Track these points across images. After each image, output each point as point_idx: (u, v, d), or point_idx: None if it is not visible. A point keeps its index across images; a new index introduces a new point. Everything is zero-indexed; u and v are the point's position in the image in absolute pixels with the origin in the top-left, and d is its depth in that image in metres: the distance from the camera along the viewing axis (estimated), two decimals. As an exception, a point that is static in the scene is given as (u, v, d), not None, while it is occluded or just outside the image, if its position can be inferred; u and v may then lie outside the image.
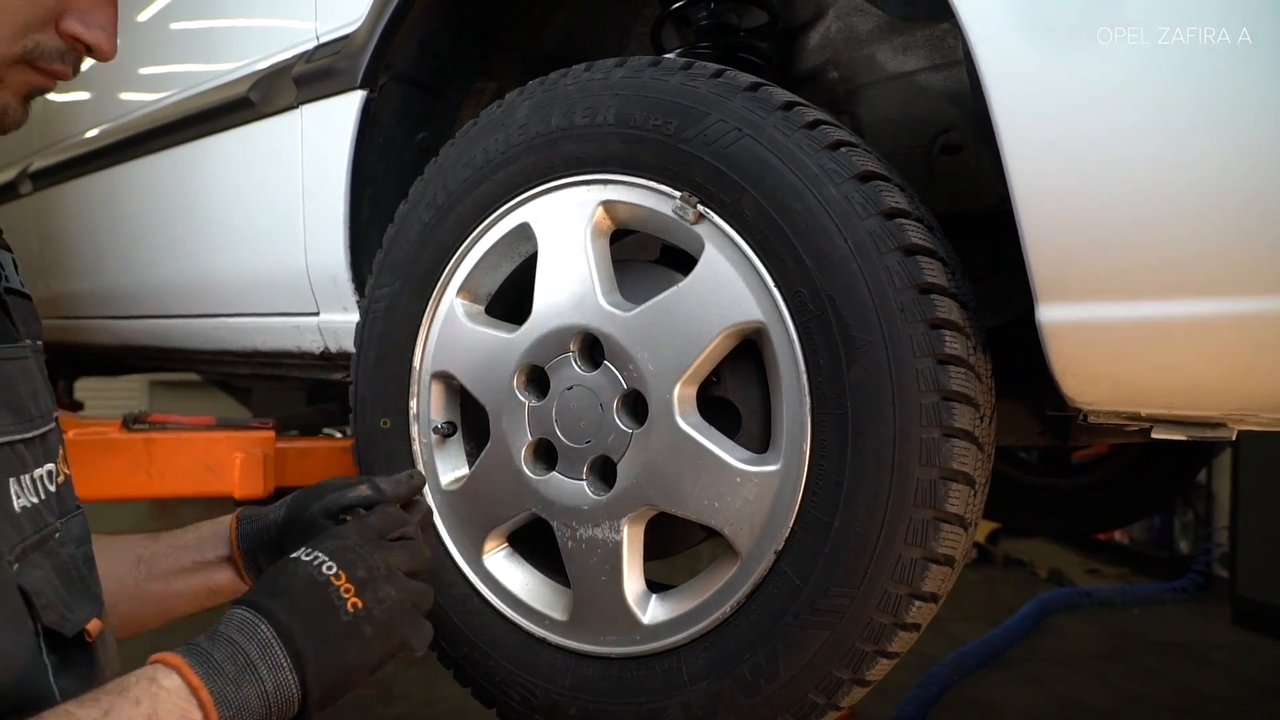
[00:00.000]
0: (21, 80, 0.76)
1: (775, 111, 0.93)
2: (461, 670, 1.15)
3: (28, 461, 0.75)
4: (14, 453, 0.73)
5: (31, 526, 0.73)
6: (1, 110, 0.76)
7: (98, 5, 0.77)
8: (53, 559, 0.75)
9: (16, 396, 0.76)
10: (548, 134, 1.05)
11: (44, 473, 0.77)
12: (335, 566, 0.75)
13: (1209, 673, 3.48)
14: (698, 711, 0.95)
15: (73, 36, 0.75)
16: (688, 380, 0.96)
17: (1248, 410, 0.79)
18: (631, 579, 1.01)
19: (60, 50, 0.76)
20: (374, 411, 1.21)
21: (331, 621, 0.72)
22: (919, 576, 0.86)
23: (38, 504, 0.75)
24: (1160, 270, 0.74)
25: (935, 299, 0.86)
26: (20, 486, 0.73)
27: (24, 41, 0.73)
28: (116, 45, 0.79)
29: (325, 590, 0.74)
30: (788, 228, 0.90)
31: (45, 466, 0.78)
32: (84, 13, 0.76)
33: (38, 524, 0.74)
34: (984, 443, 0.90)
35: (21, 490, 0.73)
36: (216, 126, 1.71)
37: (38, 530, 0.74)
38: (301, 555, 0.77)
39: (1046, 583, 4.74)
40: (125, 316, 2.19)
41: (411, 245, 1.17)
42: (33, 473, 0.76)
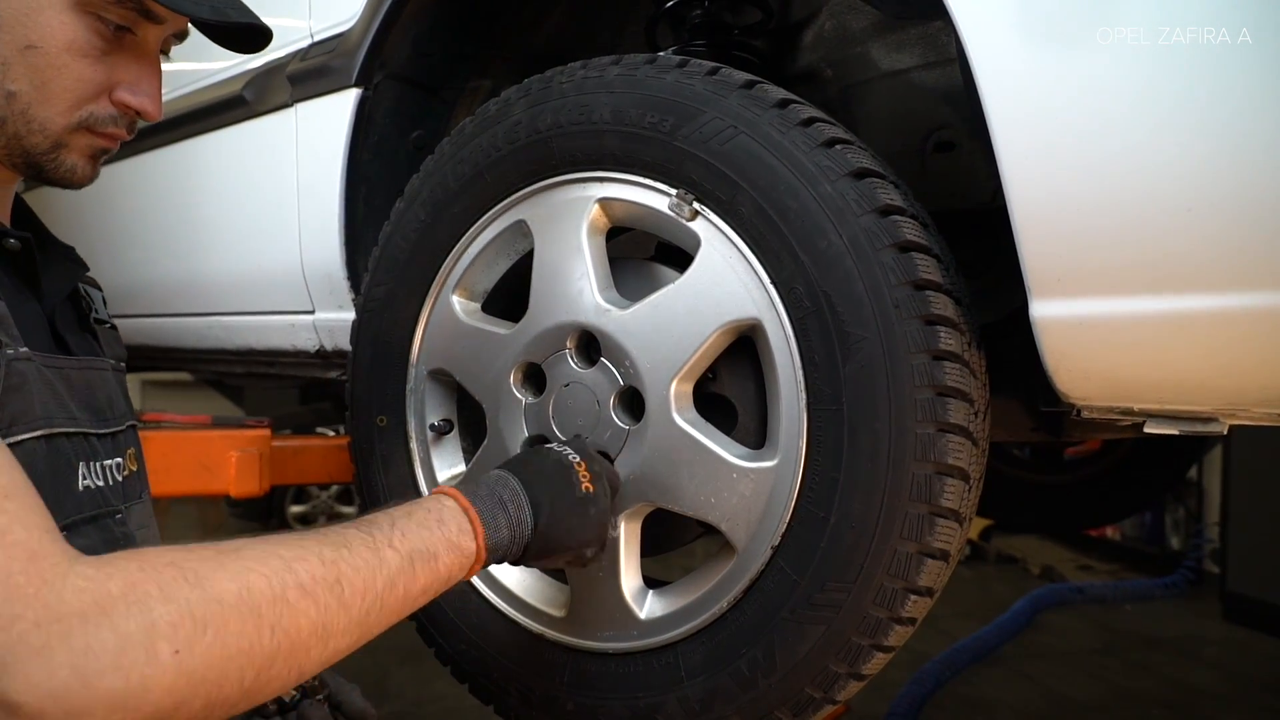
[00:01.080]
0: (85, 144, 0.88)
1: (770, 109, 0.93)
2: (459, 667, 1.15)
3: (99, 451, 0.87)
4: (87, 442, 0.85)
5: (91, 504, 0.84)
6: (70, 169, 0.87)
7: (143, 76, 0.89)
8: (105, 533, 0.85)
9: (94, 399, 0.89)
10: (544, 131, 1.05)
11: (113, 464, 0.90)
12: (578, 457, 0.92)
13: (1200, 668, 3.50)
14: (695, 706, 0.96)
15: (124, 104, 0.88)
16: (684, 377, 0.96)
17: (1238, 404, 0.80)
18: (629, 575, 1.02)
19: (114, 116, 0.88)
20: (370, 409, 1.21)
21: (569, 494, 0.88)
22: (914, 571, 0.87)
23: (103, 487, 0.87)
24: (1152, 266, 0.75)
25: (930, 295, 0.86)
26: (88, 469, 0.84)
27: (80, 112, 0.85)
28: (161, 107, 0.92)
29: (569, 471, 0.90)
30: (783, 224, 0.90)
31: (115, 459, 0.90)
32: (132, 84, 0.87)
33: (98, 503, 0.85)
34: (978, 438, 0.90)
35: (89, 473, 0.84)
36: (211, 125, 1.71)
37: (97, 508, 0.85)
38: (553, 447, 0.93)
39: (1039, 579, 4.76)
40: (119, 315, 2.18)
41: (407, 243, 1.17)
42: (102, 461, 0.87)
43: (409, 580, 0.74)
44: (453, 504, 0.82)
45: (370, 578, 0.70)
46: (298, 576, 0.65)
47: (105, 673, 0.55)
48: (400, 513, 0.78)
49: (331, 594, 0.67)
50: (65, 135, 0.85)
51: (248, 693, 0.62)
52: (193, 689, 0.59)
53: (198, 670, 0.59)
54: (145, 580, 0.59)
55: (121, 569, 0.59)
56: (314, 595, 0.66)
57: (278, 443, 1.72)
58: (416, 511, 0.79)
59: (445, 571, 0.78)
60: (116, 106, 0.87)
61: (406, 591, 0.74)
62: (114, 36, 0.85)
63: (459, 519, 0.81)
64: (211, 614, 0.60)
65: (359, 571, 0.70)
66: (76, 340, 0.92)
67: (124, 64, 0.87)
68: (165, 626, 0.58)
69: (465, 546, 0.80)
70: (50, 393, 0.81)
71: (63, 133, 0.85)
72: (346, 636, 0.69)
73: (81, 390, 0.87)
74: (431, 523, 0.79)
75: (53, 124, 0.84)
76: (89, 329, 0.97)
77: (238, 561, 0.63)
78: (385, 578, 0.72)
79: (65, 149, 0.86)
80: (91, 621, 0.56)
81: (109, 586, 0.57)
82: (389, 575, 0.72)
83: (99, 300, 1.03)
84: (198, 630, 0.59)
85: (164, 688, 0.57)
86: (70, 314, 0.95)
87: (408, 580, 0.74)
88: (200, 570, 0.61)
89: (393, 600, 0.73)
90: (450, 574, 0.79)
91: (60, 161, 0.86)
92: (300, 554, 0.67)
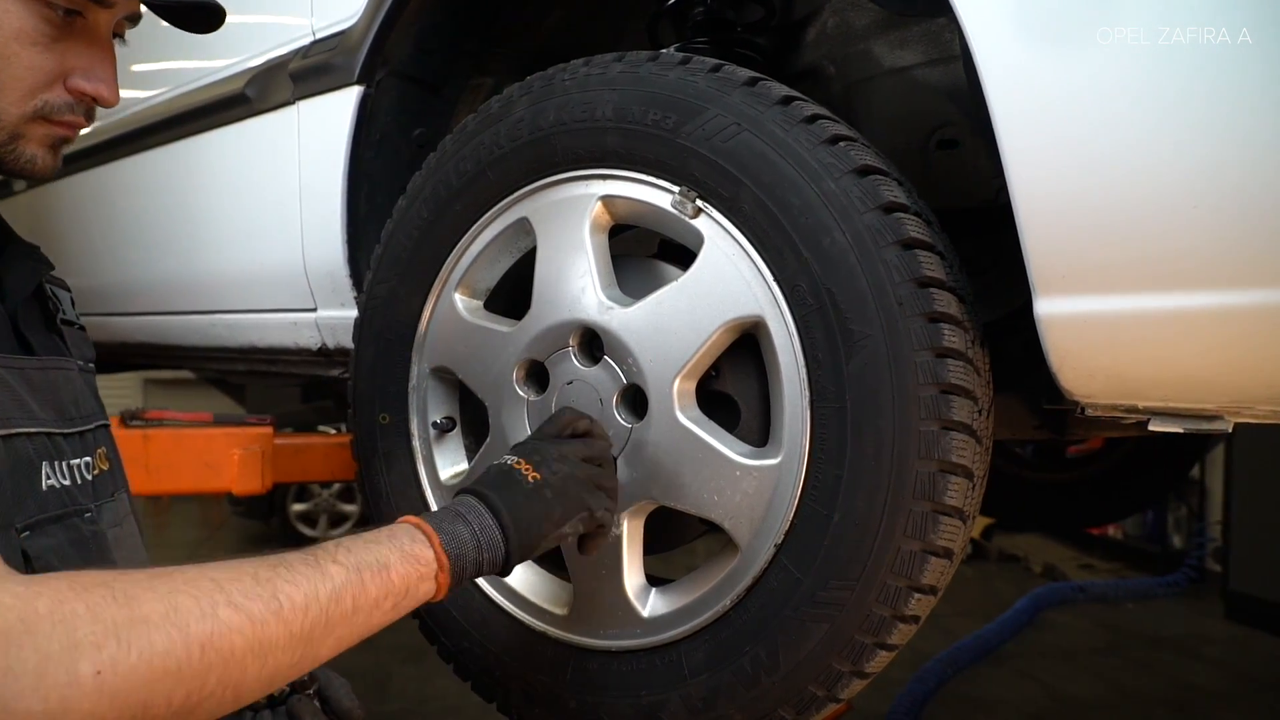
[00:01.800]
0: (42, 134, 0.86)
1: (774, 106, 0.93)
2: (461, 665, 1.15)
3: (64, 451, 0.86)
4: (50, 441, 0.84)
5: (56, 504, 0.83)
6: (30, 160, 0.86)
7: (96, 62, 0.87)
8: (72, 532, 0.84)
9: (59, 399, 0.88)
10: (546, 129, 1.05)
11: (81, 463, 0.88)
12: (516, 458, 0.92)
13: (1201, 666, 3.50)
14: (698, 704, 0.96)
15: (79, 91, 0.86)
16: (687, 374, 0.96)
17: (1243, 402, 0.80)
18: (631, 573, 1.01)
19: (69, 104, 0.86)
20: (373, 407, 1.21)
21: (517, 488, 0.89)
22: (918, 569, 0.87)
23: (69, 486, 0.85)
24: (1158, 263, 0.75)
25: (934, 293, 0.86)
26: (53, 469, 0.83)
27: (34, 101, 0.84)
28: (119, 93, 0.89)
29: (510, 473, 0.90)
30: (786, 222, 0.90)
31: (83, 458, 0.89)
32: (85, 70, 0.86)
33: (64, 502, 0.84)
34: (982, 436, 0.90)
35: (54, 472, 0.83)
36: (213, 123, 1.71)
37: (63, 507, 0.84)
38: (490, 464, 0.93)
39: (1040, 578, 4.76)
40: (121, 313, 2.18)
41: (410, 240, 1.17)
42: (69, 461, 0.86)
43: (357, 592, 0.72)
44: (405, 524, 0.82)
45: (311, 591, 0.69)
46: (229, 594, 0.64)
47: (24, 694, 0.54)
48: (348, 539, 0.77)
49: (268, 609, 0.65)
50: (21, 126, 0.84)
51: (178, 713, 0.61)
52: (116, 711, 0.57)
53: (121, 691, 0.57)
54: (73, 599, 0.57)
55: (51, 588, 0.58)
56: (247, 611, 0.64)
57: (280, 440, 1.72)
58: (365, 534, 0.79)
59: (400, 581, 0.76)
60: (72, 94, 0.85)
61: (355, 603, 0.72)
62: (64, 22, 0.83)
63: (409, 531, 0.80)
64: (136, 634, 0.58)
65: (298, 586, 0.68)
66: (41, 340, 0.91)
67: (76, 50, 0.85)
68: (89, 646, 0.56)
69: (420, 554, 0.79)
70: (8, 394, 0.80)
71: (18, 123, 0.83)
72: (288, 653, 0.67)
73: (44, 390, 0.86)
74: (381, 537, 0.78)
75: (7, 115, 0.83)
76: (55, 330, 0.96)
77: (167, 583, 0.62)
78: (329, 590, 0.70)
79: (23, 140, 0.85)
80: (14, 640, 0.54)
81: (36, 605, 0.56)
82: (333, 588, 0.70)
83: (67, 301, 1.02)
84: (122, 650, 0.57)
85: (85, 710, 0.56)
86: (36, 314, 0.94)
87: (356, 592, 0.72)
88: (130, 591, 0.60)
89: (339, 613, 0.70)
90: (408, 583, 0.77)
91: (19, 153, 0.85)
92: (234, 575, 0.66)
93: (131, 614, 0.59)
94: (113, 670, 0.57)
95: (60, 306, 0.99)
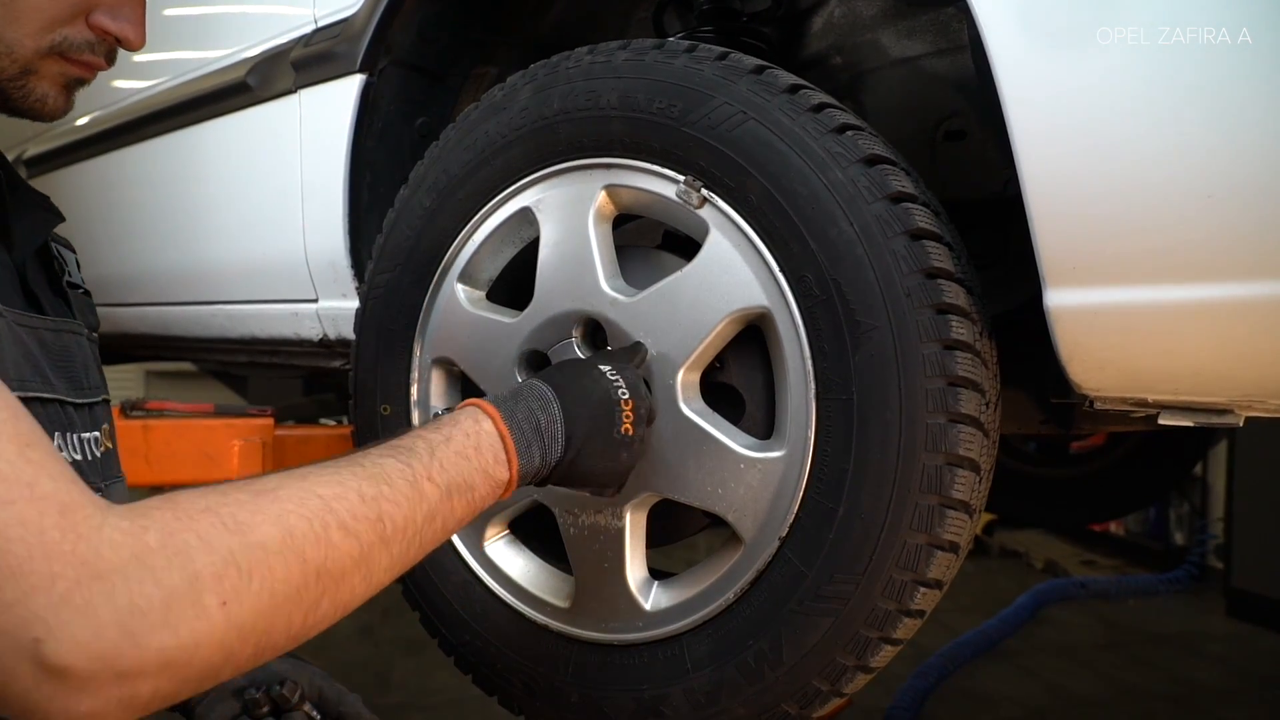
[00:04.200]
0: (56, 71, 0.80)
1: (781, 95, 0.92)
2: (463, 658, 1.15)
3: (75, 423, 0.81)
4: (63, 411, 0.79)
5: None
6: (40, 99, 0.80)
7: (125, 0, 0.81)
8: None
9: (71, 366, 0.83)
10: (550, 117, 1.04)
11: (90, 438, 0.84)
12: (628, 394, 0.88)
13: (1203, 663, 3.50)
14: (700, 698, 0.95)
15: (102, 29, 0.80)
16: (691, 366, 0.95)
17: (1255, 396, 0.79)
18: (634, 566, 1.01)
19: (90, 42, 0.80)
20: (374, 398, 1.20)
21: (607, 432, 0.86)
22: (924, 563, 0.86)
23: (80, 462, 0.81)
24: (1170, 254, 0.74)
25: (942, 284, 0.85)
26: (65, 442, 0.79)
27: (52, 35, 0.78)
28: (145, 35, 0.83)
29: (615, 408, 0.87)
30: (793, 212, 0.89)
31: (92, 433, 0.85)
32: (112, 7, 0.80)
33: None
34: (989, 429, 0.89)
35: (65, 445, 0.79)
36: (214, 112, 1.70)
37: None
38: (607, 371, 0.89)
39: (1042, 574, 4.76)
40: (122, 304, 2.18)
41: (412, 230, 1.16)
42: (80, 434, 0.82)
43: (447, 514, 0.73)
44: (490, 428, 0.80)
45: (411, 513, 0.69)
46: (339, 516, 0.63)
47: (155, 629, 0.52)
48: (438, 437, 0.76)
49: (374, 531, 0.65)
50: (35, 61, 0.78)
51: (295, 637, 0.61)
52: (242, 640, 0.56)
53: (247, 621, 0.56)
54: (183, 529, 0.55)
55: (157, 519, 0.55)
56: (356, 534, 0.64)
57: (281, 432, 1.72)
58: (455, 436, 0.77)
59: (480, 502, 0.77)
60: (94, 31, 0.80)
61: (444, 524, 0.73)
62: None
63: (495, 447, 0.79)
64: (255, 561, 0.57)
65: (399, 507, 0.68)
66: (49, 300, 0.86)
67: None
68: (210, 578, 0.55)
69: (499, 476, 0.79)
70: (23, 353, 0.75)
71: (33, 58, 0.78)
72: (389, 572, 0.68)
73: (57, 354, 0.81)
74: (470, 451, 0.77)
75: (21, 47, 0.77)
76: (61, 292, 0.90)
77: (276, 504, 0.60)
78: (425, 512, 0.70)
79: (35, 76, 0.79)
80: (134, 577, 0.52)
81: (146, 539, 0.54)
82: (428, 510, 0.71)
83: (73, 263, 0.96)
84: (243, 579, 0.56)
85: (215, 642, 0.55)
86: (41, 273, 0.88)
87: (445, 514, 0.73)
88: (239, 515, 0.58)
89: (430, 533, 0.72)
90: (484, 503, 0.78)
91: (30, 90, 0.79)
92: (340, 491, 0.65)
93: (247, 540, 0.57)
94: (237, 600, 0.56)
95: (66, 267, 0.94)
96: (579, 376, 0.88)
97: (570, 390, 0.86)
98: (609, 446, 0.87)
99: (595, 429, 0.85)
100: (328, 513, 0.63)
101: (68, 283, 0.92)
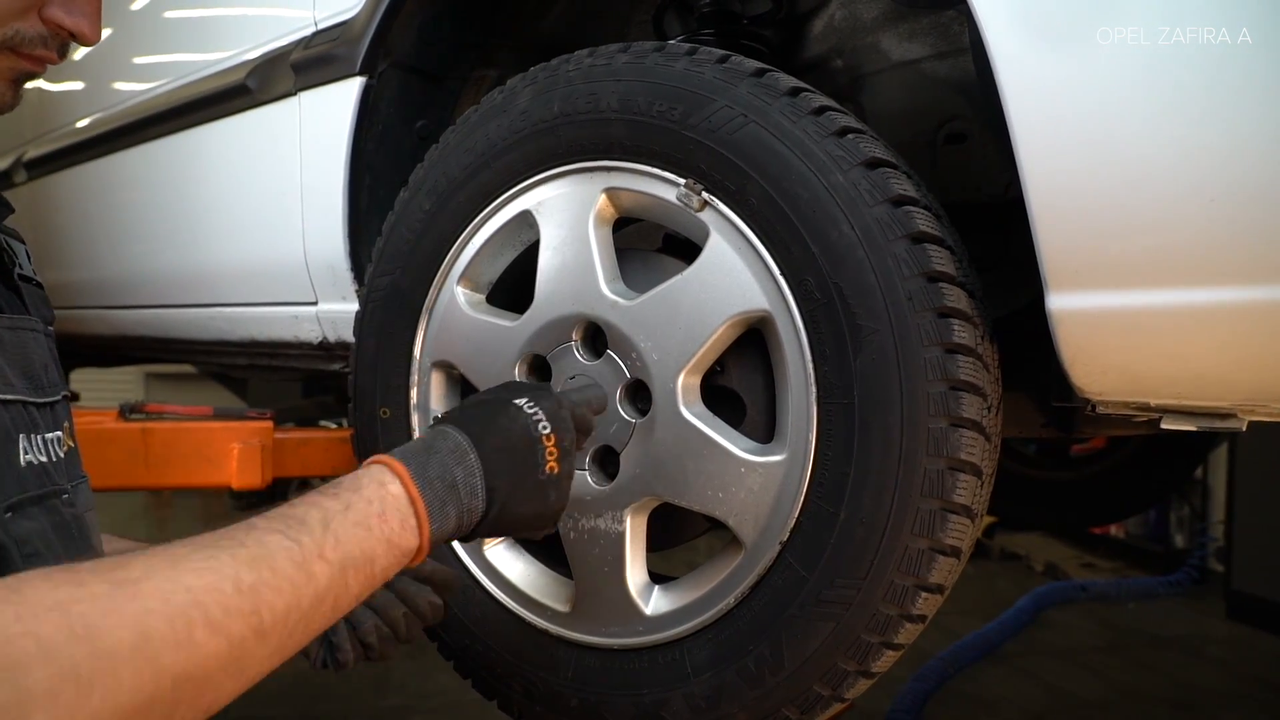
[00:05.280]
0: (7, 66, 0.78)
1: (781, 97, 0.92)
2: (462, 662, 1.14)
3: (39, 424, 0.79)
4: (26, 412, 0.77)
5: (36, 483, 0.76)
6: None
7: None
8: (53, 515, 0.78)
9: (30, 364, 0.80)
10: (550, 120, 1.03)
11: (53, 438, 0.81)
12: (549, 427, 0.81)
13: (1203, 666, 3.49)
14: (701, 703, 0.95)
15: (55, 24, 0.77)
16: (692, 369, 0.95)
17: (1258, 400, 0.79)
18: (634, 570, 1.00)
19: (42, 36, 0.77)
20: (373, 401, 1.20)
21: (530, 475, 0.79)
22: (926, 568, 0.86)
23: (46, 463, 0.79)
24: (1174, 258, 0.73)
25: (943, 287, 0.85)
26: (30, 443, 0.76)
27: (4, 30, 0.75)
28: (100, 30, 0.80)
29: (536, 447, 0.80)
30: (794, 215, 0.89)
31: (54, 433, 0.82)
32: (65, 1, 0.77)
33: (43, 481, 0.78)
34: (991, 433, 0.89)
35: (30, 447, 0.76)
36: (214, 114, 1.70)
37: (42, 486, 0.77)
38: (524, 405, 0.82)
39: (1042, 576, 4.75)
40: (121, 306, 2.17)
41: (412, 233, 1.16)
42: (44, 435, 0.79)
43: (340, 592, 0.66)
44: (397, 490, 0.72)
45: (294, 599, 0.62)
46: (207, 613, 0.56)
47: None
48: (336, 506, 0.68)
49: (248, 625, 0.58)
50: None
51: None
52: None
53: None
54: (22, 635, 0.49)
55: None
56: (226, 631, 0.57)
57: (280, 435, 1.71)
58: (356, 503, 0.69)
59: (383, 574, 0.70)
60: (48, 25, 0.77)
61: (335, 605, 0.66)
62: None
63: (403, 511, 0.71)
64: (101, 670, 0.50)
65: (281, 595, 0.61)
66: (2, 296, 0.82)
67: None
68: (42, 695, 0.48)
69: (407, 545, 0.71)
70: None
71: None
72: (266, 663, 0.61)
73: (15, 351, 0.78)
74: (372, 519, 0.69)
75: None
76: (13, 286, 0.86)
77: (135, 602, 0.54)
78: (312, 595, 0.63)
79: None
80: None
81: None
82: (316, 592, 0.63)
83: (23, 254, 0.91)
84: (82, 694, 0.49)
85: None
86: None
87: (339, 592, 0.66)
88: (90, 617, 0.51)
89: (318, 616, 0.65)
90: (388, 574, 0.70)
91: None
92: (213, 581, 0.58)
93: (94, 648, 0.51)
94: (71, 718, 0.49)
95: (16, 259, 0.89)
96: (495, 416, 0.81)
97: (487, 435, 0.79)
98: (535, 490, 0.80)
99: (519, 475, 0.79)
100: (194, 608, 0.56)
101: (19, 275, 0.87)
